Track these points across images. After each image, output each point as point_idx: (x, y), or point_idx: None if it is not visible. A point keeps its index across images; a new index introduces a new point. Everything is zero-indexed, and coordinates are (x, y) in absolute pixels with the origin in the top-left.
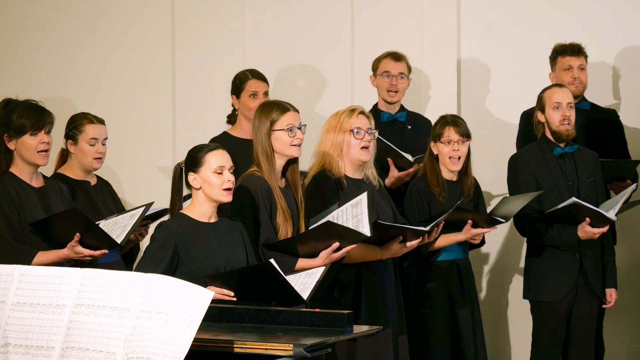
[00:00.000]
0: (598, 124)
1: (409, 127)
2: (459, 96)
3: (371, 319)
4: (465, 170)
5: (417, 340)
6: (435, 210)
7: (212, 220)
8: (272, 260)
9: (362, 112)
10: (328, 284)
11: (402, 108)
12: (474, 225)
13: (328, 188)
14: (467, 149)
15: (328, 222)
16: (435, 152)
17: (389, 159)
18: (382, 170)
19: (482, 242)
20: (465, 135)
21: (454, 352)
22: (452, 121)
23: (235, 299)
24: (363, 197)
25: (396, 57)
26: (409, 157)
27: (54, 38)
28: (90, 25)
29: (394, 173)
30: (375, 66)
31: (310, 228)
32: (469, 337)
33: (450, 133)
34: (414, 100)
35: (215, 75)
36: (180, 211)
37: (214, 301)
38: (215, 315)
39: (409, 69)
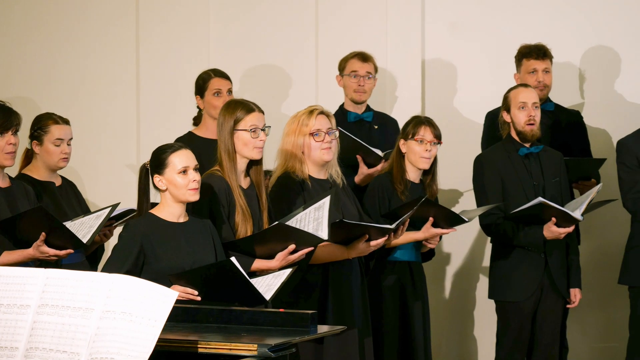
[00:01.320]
0: (562, 125)
1: (376, 126)
2: (423, 96)
3: (338, 319)
4: (432, 176)
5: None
6: (395, 207)
7: (182, 220)
8: (233, 258)
9: (322, 112)
10: (295, 284)
11: (368, 108)
12: (434, 225)
13: (292, 189)
14: (436, 152)
15: (282, 224)
16: (404, 150)
17: (358, 156)
18: (352, 168)
19: (432, 254)
20: (438, 137)
21: (403, 347)
22: (427, 122)
23: (199, 298)
24: (326, 200)
25: (363, 57)
26: (379, 153)
27: (18, 38)
28: (55, 26)
29: (363, 170)
30: (342, 66)
31: (263, 229)
32: (420, 334)
33: (426, 133)
34: (379, 100)
35: (180, 75)
36: (150, 211)
37: (178, 301)
38: (179, 315)
39: (376, 69)
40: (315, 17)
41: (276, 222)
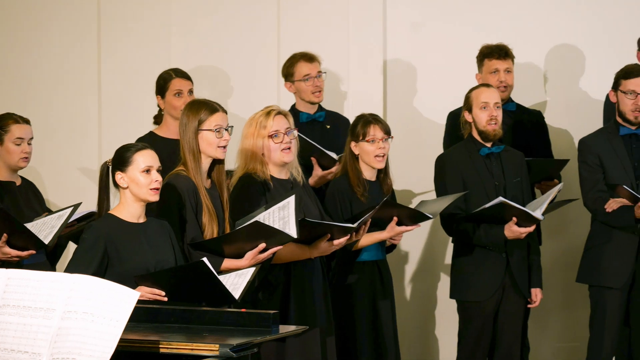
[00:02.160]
0: (524, 125)
1: (328, 126)
2: (385, 96)
3: (300, 319)
4: (385, 170)
5: (341, 336)
6: (357, 210)
7: (141, 220)
8: (204, 259)
9: (279, 113)
10: (257, 284)
11: (320, 108)
12: (399, 223)
13: (254, 190)
14: (389, 148)
15: (256, 222)
16: (357, 152)
17: (312, 158)
18: (305, 170)
19: (394, 246)
20: (388, 132)
21: (375, 347)
22: (374, 119)
23: (166, 299)
24: (290, 200)
25: (310, 58)
26: (333, 155)
27: None
28: (14, 24)
29: (317, 172)
30: (290, 72)
31: (237, 228)
32: (390, 333)
33: (376, 131)
34: (340, 100)
35: (141, 74)
36: (109, 212)
37: (140, 301)
38: (141, 315)
39: (320, 64)
40: (276, 17)
41: (253, 220)
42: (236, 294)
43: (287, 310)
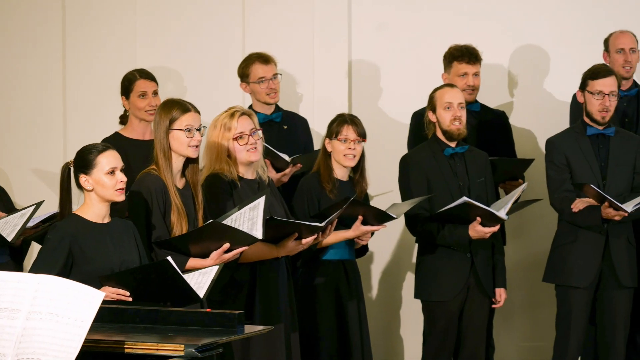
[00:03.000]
0: (488, 126)
1: (285, 127)
2: (350, 96)
3: (265, 318)
4: (360, 172)
5: (306, 335)
6: (325, 206)
7: (106, 220)
8: (169, 258)
9: (243, 113)
10: (224, 283)
11: (277, 108)
12: (364, 223)
13: (223, 189)
14: (362, 149)
15: (217, 222)
16: (330, 149)
17: (266, 160)
18: None
19: (366, 250)
20: (362, 135)
21: (340, 347)
22: (351, 120)
23: (131, 299)
24: (260, 201)
25: (265, 59)
26: (286, 158)
27: None
28: None
29: (271, 174)
30: (246, 73)
31: (198, 227)
32: (356, 332)
33: (349, 132)
34: (305, 101)
35: (106, 75)
36: (74, 212)
37: (106, 302)
38: (106, 315)
39: (276, 65)
40: (242, 18)
41: (210, 220)
42: (200, 292)
43: (252, 309)
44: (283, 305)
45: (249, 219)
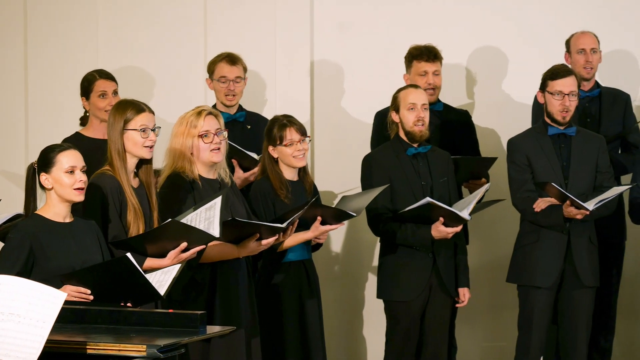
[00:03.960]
0: (451, 126)
1: (249, 126)
2: (312, 97)
3: (225, 319)
4: (304, 169)
5: (268, 338)
6: (281, 211)
7: (67, 220)
8: (128, 254)
9: (210, 113)
10: (184, 283)
11: (240, 108)
12: (323, 222)
13: (183, 189)
14: (307, 146)
15: (174, 221)
16: (276, 155)
17: (233, 160)
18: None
19: (320, 244)
20: (304, 132)
21: (302, 348)
22: (289, 122)
23: (91, 297)
24: (217, 200)
25: (232, 60)
26: (254, 156)
27: None
28: None
29: (239, 174)
30: (212, 70)
31: (155, 227)
32: (317, 332)
33: (292, 134)
34: (267, 101)
35: (68, 75)
36: (35, 212)
37: (67, 302)
38: (68, 316)
39: (245, 69)
40: (203, 18)
41: (169, 220)
42: (161, 290)
43: (212, 309)
44: (243, 306)
45: (206, 218)
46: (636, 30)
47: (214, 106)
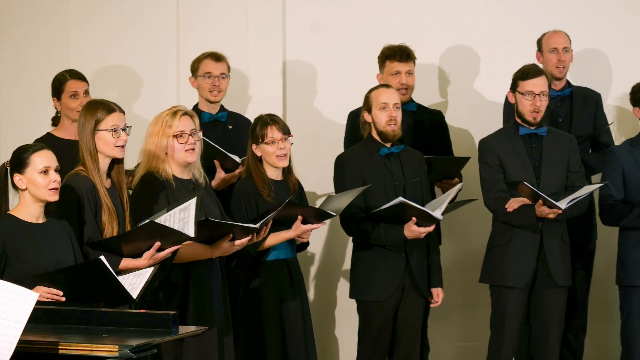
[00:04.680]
0: (424, 125)
1: (230, 126)
2: (284, 97)
3: (198, 319)
4: (288, 168)
5: (250, 338)
6: (264, 210)
7: (40, 220)
8: (102, 257)
9: (185, 113)
10: (158, 283)
11: (222, 108)
12: (304, 222)
13: (156, 189)
14: (290, 145)
15: (151, 222)
16: (259, 154)
17: (215, 161)
18: (208, 172)
19: (307, 243)
20: (287, 132)
21: (284, 348)
22: (272, 120)
23: (64, 299)
24: (192, 202)
25: (216, 57)
26: (236, 159)
27: None
28: None
29: (220, 175)
30: (195, 67)
31: (133, 228)
32: (300, 331)
33: (274, 133)
34: (240, 101)
35: (39, 75)
36: (8, 212)
37: (39, 302)
38: (40, 316)
39: (229, 68)
40: (176, 17)
41: (147, 221)
42: (134, 293)
43: (185, 310)
44: (217, 307)
45: (180, 219)
46: (607, 29)
47: (196, 106)
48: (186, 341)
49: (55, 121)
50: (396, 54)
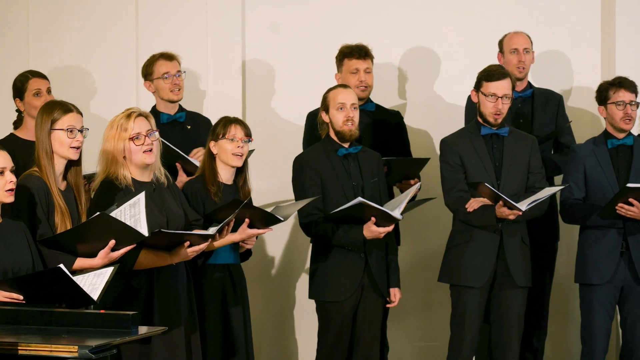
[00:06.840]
0: (383, 126)
1: (189, 126)
2: (244, 97)
3: (164, 321)
4: (244, 176)
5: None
6: (210, 209)
7: None
8: (61, 266)
9: (140, 115)
10: (121, 290)
11: (180, 108)
12: (250, 226)
13: (116, 195)
14: (248, 150)
15: (102, 214)
16: (215, 152)
17: (177, 164)
18: (169, 172)
19: (249, 254)
20: (249, 135)
21: (225, 352)
22: (237, 120)
23: (24, 302)
24: (141, 197)
25: (169, 57)
26: (197, 163)
27: None
28: None
29: (182, 178)
30: (150, 71)
31: (85, 220)
32: (241, 337)
33: (237, 131)
34: (199, 101)
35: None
36: None
37: None
38: None
39: (180, 65)
40: (135, 18)
41: (98, 213)
42: (95, 294)
43: (151, 313)
44: (183, 310)
45: (131, 215)
46: (569, 30)
47: (154, 108)
48: (154, 342)
49: (17, 124)
50: (354, 52)
